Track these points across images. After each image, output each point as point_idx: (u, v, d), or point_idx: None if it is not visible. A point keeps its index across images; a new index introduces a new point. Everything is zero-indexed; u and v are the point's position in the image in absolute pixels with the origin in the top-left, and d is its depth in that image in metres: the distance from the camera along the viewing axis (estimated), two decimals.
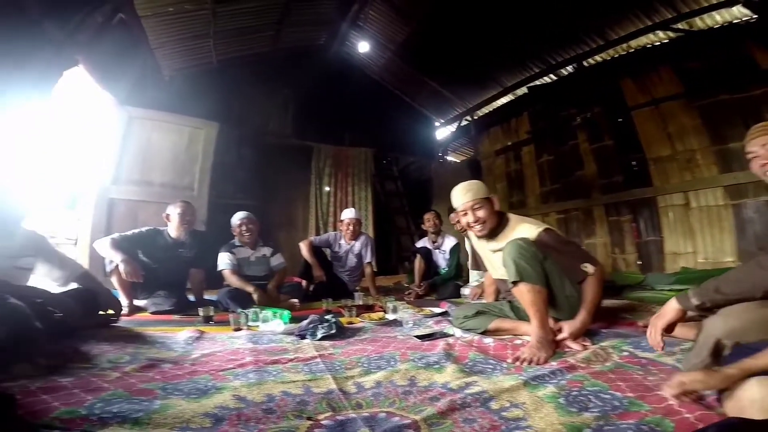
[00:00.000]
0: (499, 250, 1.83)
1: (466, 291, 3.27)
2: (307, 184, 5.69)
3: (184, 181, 4.19)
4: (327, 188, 5.76)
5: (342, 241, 3.71)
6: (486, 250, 2.03)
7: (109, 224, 3.59)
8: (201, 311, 2.37)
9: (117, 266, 2.50)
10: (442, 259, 3.85)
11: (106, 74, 3.50)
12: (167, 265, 2.80)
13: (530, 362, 1.42)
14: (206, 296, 3.08)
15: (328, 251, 3.79)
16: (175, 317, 2.54)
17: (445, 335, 1.92)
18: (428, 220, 3.88)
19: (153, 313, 2.62)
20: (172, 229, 2.88)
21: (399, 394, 1.17)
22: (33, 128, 2.92)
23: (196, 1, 3.76)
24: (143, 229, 2.85)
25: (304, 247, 3.56)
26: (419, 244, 4.04)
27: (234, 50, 5.01)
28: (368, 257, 3.68)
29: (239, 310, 2.34)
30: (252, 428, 0.94)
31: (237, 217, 3.10)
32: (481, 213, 1.87)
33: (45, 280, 1.99)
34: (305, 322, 1.97)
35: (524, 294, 1.67)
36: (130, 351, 1.65)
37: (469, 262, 3.30)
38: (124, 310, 2.42)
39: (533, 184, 5.48)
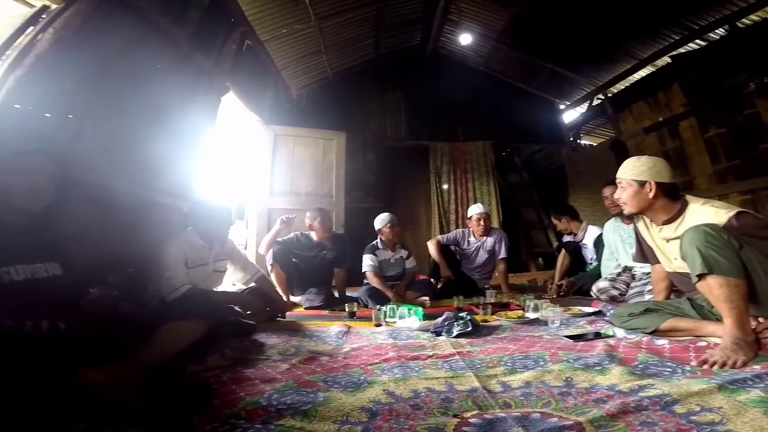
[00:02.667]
0: (675, 238, 1.56)
1: (601, 284, 2.82)
2: (426, 184, 5.75)
3: (324, 189, 4.65)
4: (445, 186, 5.70)
5: (471, 238, 3.63)
6: (657, 238, 1.75)
7: (268, 231, 4.14)
8: (346, 307, 2.59)
9: (274, 265, 2.92)
10: (587, 252, 3.44)
11: (249, 97, 4.01)
12: (314, 265, 3.16)
13: (723, 365, 1.19)
14: (348, 293, 3.37)
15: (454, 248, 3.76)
16: (325, 312, 2.84)
17: (601, 335, 1.74)
18: (558, 224, 3.53)
19: (307, 308, 2.97)
20: (315, 233, 3.23)
21: (554, 395, 1.10)
22: (212, 151, 3.46)
23: (303, 21, 4.13)
24: (295, 234, 3.26)
25: (431, 246, 3.60)
26: (567, 238, 3.65)
27: (344, 62, 5.38)
28: (502, 253, 3.52)
29: (378, 306, 2.49)
30: (402, 424, 0.97)
31: (383, 220, 3.27)
32: (622, 194, 1.72)
33: (230, 280, 2.44)
34: (440, 319, 1.99)
35: (714, 289, 1.38)
36: (295, 344, 1.87)
37: (632, 253, 2.87)
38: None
39: (702, 162, 4.49)
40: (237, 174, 4.40)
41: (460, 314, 1.99)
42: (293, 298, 3.10)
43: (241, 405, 1.10)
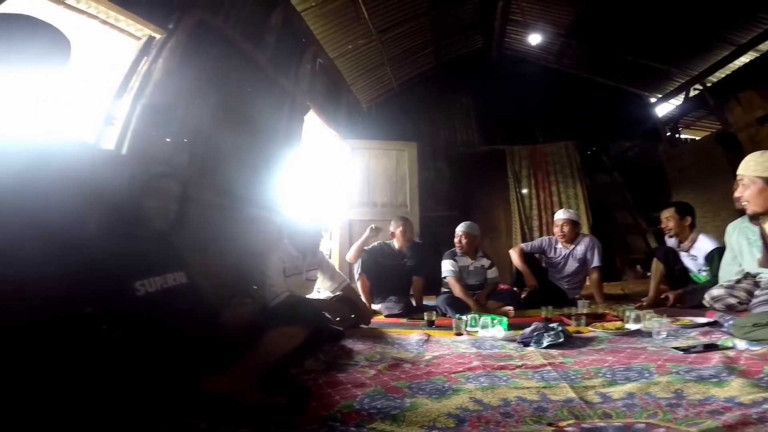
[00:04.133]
0: None
1: (716, 292, 2.39)
2: (504, 189, 5.54)
3: (399, 200, 4.75)
4: (525, 190, 5.44)
5: (558, 246, 3.41)
6: None
7: (350, 241, 4.30)
8: (425, 315, 2.60)
9: (361, 274, 3.05)
10: (692, 263, 2.97)
11: (326, 113, 4.24)
12: (395, 273, 3.23)
13: None
14: (424, 302, 3.39)
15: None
16: (404, 320, 2.88)
17: (718, 347, 1.57)
18: (668, 220, 2.98)
19: (387, 316, 3.04)
20: (396, 242, 3.31)
21: (662, 406, 1.02)
22: (299, 167, 3.64)
23: (365, 36, 4.28)
24: (376, 243, 3.36)
25: (514, 255, 3.46)
26: (670, 242, 3.13)
27: (407, 72, 5.47)
28: (595, 261, 3.27)
29: (457, 315, 2.46)
30: (493, 430, 0.96)
31: (458, 228, 3.28)
32: (744, 192, 1.63)
33: (320, 288, 2.61)
34: (528, 329, 1.91)
35: None
36: (379, 350, 1.92)
37: (759, 258, 2.45)
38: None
39: None
40: (320, 188, 4.67)
41: (551, 325, 1.90)
42: (374, 306, 3.20)
43: (337, 408, 1.15)
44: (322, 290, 2.63)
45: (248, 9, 2.86)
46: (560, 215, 3.42)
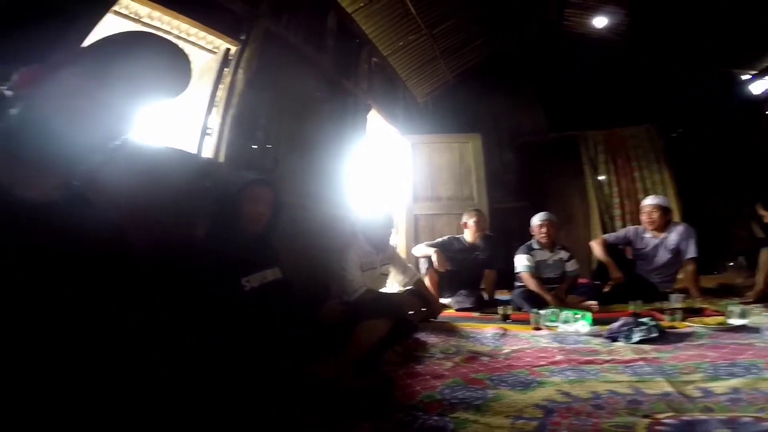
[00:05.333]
0: None
1: None
2: (579, 178, 5.19)
3: (464, 193, 4.68)
4: (602, 177, 5.05)
5: (647, 235, 3.15)
6: None
7: (416, 236, 4.38)
8: (500, 309, 2.58)
9: (429, 268, 3.07)
10: None
11: (385, 111, 4.29)
12: (465, 266, 3.20)
13: None
14: (497, 296, 3.33)
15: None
16: (475, 314, 2.87)
17: None
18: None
19: (457, 310, 3.05)
20: (469, 234, 3.28)
21: None
22: (366, 165, 3.73)
23: (415, 31, 4.23)
24: (444, 237, 3.36)
25: (596, 247, 3.27)
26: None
27: (461, 64, 5.31)
28: (691, 252, 2.97)
29: (535, 310, 2.41)
30: (584, 421, 0.97)
31: (537, 218, 3.18)
32: None
33: (392, 282, 2.70)
34: (616, 324, 1.83)
35: None
36: (453, 343, 1.96)
37: None
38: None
39: None
40: (386, 184, 4.78)
41: (641, 319, 1.80)
42: (443, 300, 3.22)
43: (419, 398, 1.22)
44: (393, 284, 2.72)
45: (305, 15, 2.98)
46: (648, 200, 3.16)
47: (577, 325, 2.08)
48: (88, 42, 1.43)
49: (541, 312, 2.30)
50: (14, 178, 0.66)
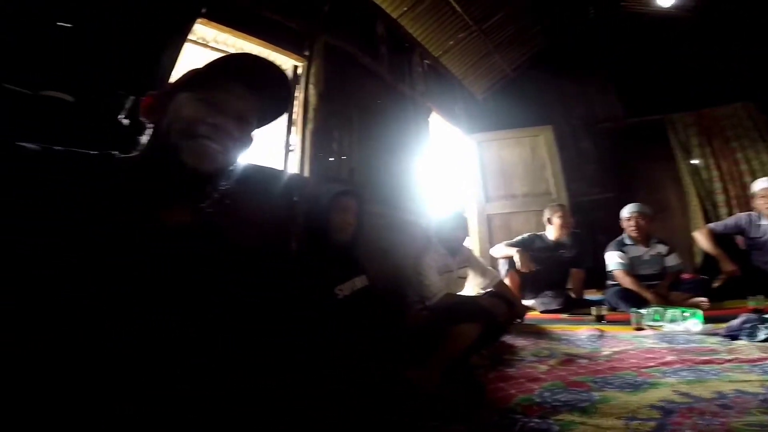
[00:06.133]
0: None
1: None
2: (670, 163, 4.67)
3: (540, 188, 4.45)
4: (697, 161, 4.48)
5: (763, 222, 2.75)
6: None
7: (490, 237, 4.27)
8: (593, 310, 2.42)
9: (510, 270, 2.97)
10: None
11: (445, 111, 4.25)
12: (549, 266, 3.03)
13: None
14: (586, 296, 3.12)
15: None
16: (564, 316, 2.73)
17: None
18: None
19: (542, 312, 2.92)
20: (552, 232, 3.10)
21: None
22: (432, 169, 3.70)
23: (463, 29, 4.12)
24: (524, 235, 3.20)
25: (701, 238, 2.92)
26: None
27: (519, 56, 5.07)
28: None
29: (634, 309, 2.23)
30: (710, 420, 0.90)
31: (626, 211, 2.97)
32: None
33: (471, 285, 2.67)
34: (736, 321, 1.65)
35: None
36: (545, 346, 1.90)
37: None
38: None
39: None
40: (455, 186, 4.73)
41: (764, 315, 1.59)
42: (525, 302, 3.09)
43: (515, 401, 1.20)
44: (472, 287, 2.68)
45: (355, 25, 3.08)
46: (762, 184, 2.76)
47: (687, 323, 1.89)
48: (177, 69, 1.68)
49: (643, 311, 2.13)
50: (153, 203, 0.69)
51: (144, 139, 0.70)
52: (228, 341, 0.68)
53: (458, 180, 4.70)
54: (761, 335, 1.53)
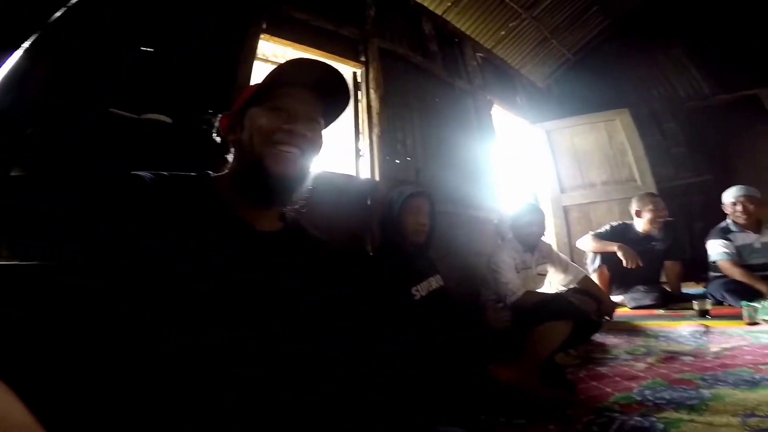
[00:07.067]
0: None
1: None
2: None
3: (623, 175, 4.13)
4: None
5: None
6: None
7: (568, 228, 4.06)
8: (695, 305, 2.21)
9: (600, 265, 2.81)
10: None
11: (508, 103, 4.13)
12: (641, 259, 2.74)
13: None
14: (684, 290, 2.83)
15: None
16: (659, 312, 2.51)
17: None
18: None
19: (633, 308, 2.70)
20: (643, 223, 2.83)
21: None
22: (502, 162, 3.64)
23: (513, 18, 3.99)
24: (613, 224, 2.96)
25: None
26: None
27: (579, 39, 4.79)
28: None
29: (745, 303, 1.99)
30: None
31: (731, 195, 2.66)
32: None
33: (552, 282, 2.56)
34: None
35: None
36: (640, 343, 1.78)
37: None
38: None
39: None
40: (526, 179, 4.55)
41: None
42: (613, 298, 2.88)
43: (612, 400, 1.16)
44: (554, 283, 2.56)
45: (403, 26, 3.12)
46: None
47: None
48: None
49: (757, 305, 1.89)
50: (247, 212, 0.72)
51: (230, 156, 0.77)
52: (294, 351, 0.67)
53: (530, 172, 4.52)
54: None
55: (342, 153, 2.52)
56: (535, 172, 4.44)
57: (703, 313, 2.16)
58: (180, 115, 1.46)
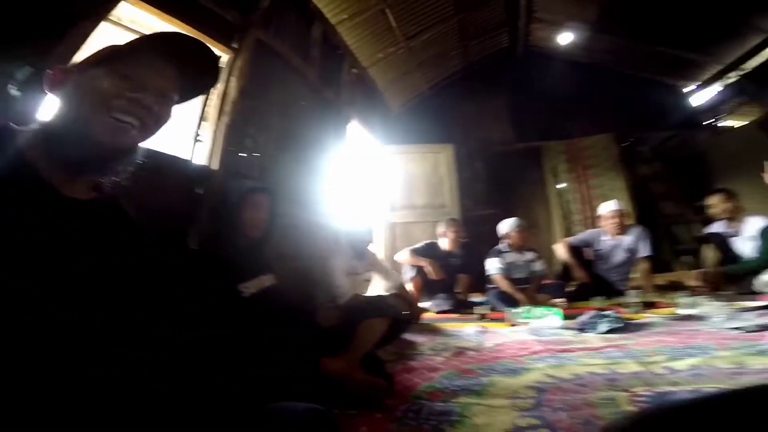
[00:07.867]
0: None
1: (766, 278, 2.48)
2: (542, 185, 5.54)
3: (438, 201, 4.85)
4: (563, 185, 5.42)
5: (605, 237, 3.43)
6: None
7: (393, 243, 4.50)
8: (477, 310, 2.74)
9: (416, 275, 3.20)
10: (744, 245, 2.98)
11: (365, 121, 4.40)
12: (443, 272, 3.29)
13: None
14: (471, 298, 3.50)
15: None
16: (454, 316, 3.02)
17: None
18: (715, 206, 3.08)
19: (437, 312, 3.19)
20: (446, 242, 3.42)
21: (727, 374, 1.16)
22: (345, 174, 3.77)
23: (394, 44, 4.42)
24: (424, 242, 3.48)
25: (561, 249, 3.51)
26: (711, 229, 3.25)
27: (437, 76, 5.55)
28: (645, 251, 3.25)
29: (509, 309, 2.58)
30: (573, 396, 1.11)
31: (511, 224, 3.37)
32: None
33: (375, 287, 2.78)
34: (585, 317, 2.03)
35: None
36: (440, 341, 2.09)
37: None
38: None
39: None
40: (365, 193, 4.84)
41: (604, 313, 2.01)
42: (421, 304, 3.33)
43: (420, 389, 1.33)
44: (376, 289, 2.80)
45: (292, 25, 3.04)
46: (612, 206, 3.39)
47: (550, 320, 2.26)
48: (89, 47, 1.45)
49: (516, 310, 2.47)
50: (55, 174, 0.65)
51: (46, 112, 0.68)
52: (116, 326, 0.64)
53: (368, 188, 4.83)
54: (602, 328, 1.92)
55: (178, 135, 2.19)
56: (374, 189, 4.79)
57: (482, 317, 2.70)
58: None
